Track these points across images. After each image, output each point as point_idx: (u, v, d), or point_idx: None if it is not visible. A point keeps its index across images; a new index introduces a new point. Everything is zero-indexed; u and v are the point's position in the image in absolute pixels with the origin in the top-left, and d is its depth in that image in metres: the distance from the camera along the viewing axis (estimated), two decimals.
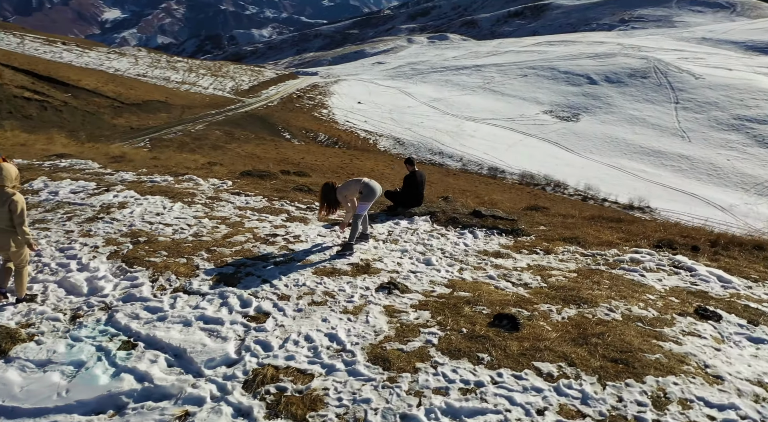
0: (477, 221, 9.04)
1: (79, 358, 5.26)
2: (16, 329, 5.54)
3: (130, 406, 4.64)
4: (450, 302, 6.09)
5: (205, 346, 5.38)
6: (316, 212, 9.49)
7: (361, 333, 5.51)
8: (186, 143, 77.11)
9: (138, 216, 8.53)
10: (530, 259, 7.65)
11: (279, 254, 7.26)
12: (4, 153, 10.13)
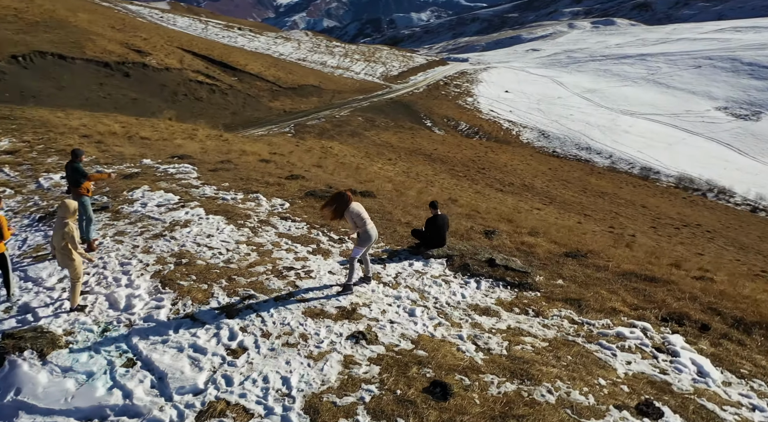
0: (488, 270, 9.36)
1: (91, 369, 6.68)
2: (59, 336, 7.12)
3: (110, 419, 5.93)
4: (404, 360, 6.70)
5: (183, 374, 6.55)
6: (344, 244, 10.37)
7: (311, 380, 6.36)
8: (326, 130, 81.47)
9: (192, 236, 10.02)
10: (514, 320, 7.93)
11: (284, 289, 8.27)
12: (146, 147, 12.30)
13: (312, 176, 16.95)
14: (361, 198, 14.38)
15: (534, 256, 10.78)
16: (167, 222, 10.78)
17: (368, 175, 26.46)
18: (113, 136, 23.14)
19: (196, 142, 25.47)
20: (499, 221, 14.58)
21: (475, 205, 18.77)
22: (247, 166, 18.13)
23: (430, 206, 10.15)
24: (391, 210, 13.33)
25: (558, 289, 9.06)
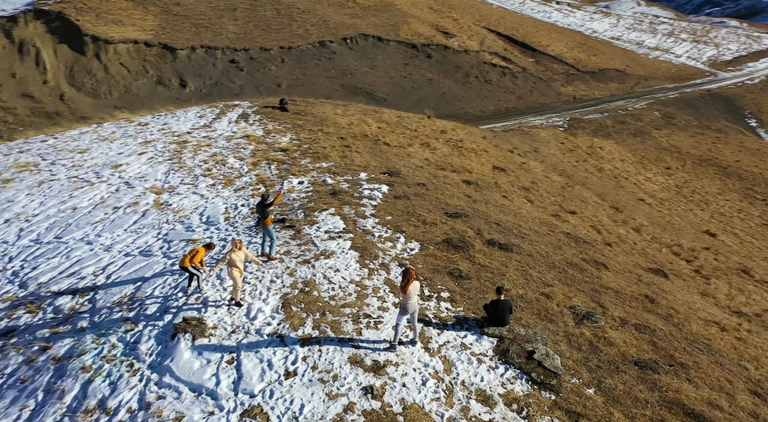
0: (522, 361, 10.59)
1: (210, 359, 10.70)
2: (208, 328, 11.33)
3: (201, 395, 9.79)
4: (384, 420, 9.06)
5: (251, 380, 10.08)
6: (427, 303, 12.56)
7: (315, 412, 9.27)
8: (605, 126, 77.64)
9: (325, 268, 13.48)
10: (501, 416, 9.38)
11: (351, 333, 11.14)
12: (377, 156, 16.53)
13: (491, 212, 18.79)
14: (575, 243, 15.92)
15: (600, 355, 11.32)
16: (319, 250, 14.43)
17: (622, 197, 26.53)
18: (363, 139, 28.11)
19: (428, 150, 28.95)
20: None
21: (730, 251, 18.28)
22: (438, 191, 20.83)
23: (496, 291, 11.56)
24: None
25: (577, 399, 9.87)
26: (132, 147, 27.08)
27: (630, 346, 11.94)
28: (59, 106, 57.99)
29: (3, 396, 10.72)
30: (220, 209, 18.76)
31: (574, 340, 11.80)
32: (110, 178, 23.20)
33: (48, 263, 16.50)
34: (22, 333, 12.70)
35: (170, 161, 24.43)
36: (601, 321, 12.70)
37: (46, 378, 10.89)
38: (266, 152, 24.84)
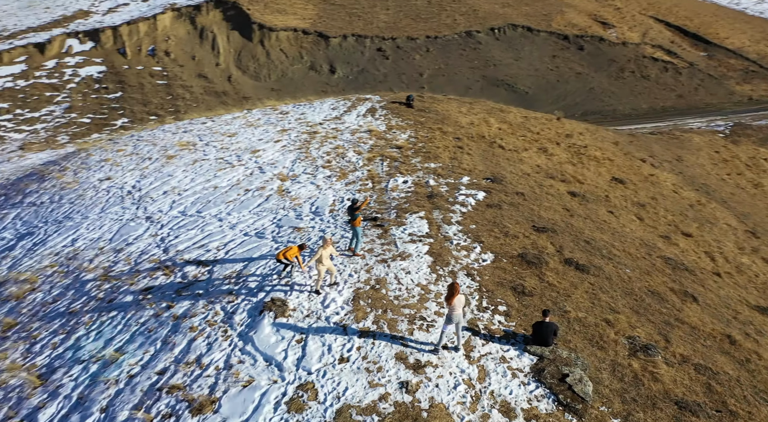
0: (554, 382, 11.29)
1: (284, 336, 12.81)
2: (289, 309, 13.49)
3: (270, 365, 11.93)
4: (409, 413, 10.51)
5: (311, 359, 12.04)
6: (482, 314, 13.55)
7: (355, 396, 10.94)
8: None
9: (398, 269, 15.02)
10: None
11: (404, 333, 12.61)
12: (487, 160, 18.08)
13: (585, 229, 18.95)
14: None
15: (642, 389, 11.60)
16: (398, 251, 15.96)
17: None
18: (478, 141, 28.91)
19: (544, 156, 28.92)
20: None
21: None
22: (536, 202, 21.21)
23: (542, 313, 12.22)
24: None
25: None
26: (271, 134, 30.54)
27: (678, 385, 11.97)
28: (226, 86, 65.27)
29: (134, 340, 13.78)
30: (329, 201, 21.00)
31: (619, 371, 12.11)
32: (248, 161, 26.63)
33: (187, 234, 19.92)
34: (156, 291, 15.89)
35: (299, 150, 27.32)
36: (658, 355, 12.76)
37: (164, 331, 13.77)
38: (383, 148, 26.71)
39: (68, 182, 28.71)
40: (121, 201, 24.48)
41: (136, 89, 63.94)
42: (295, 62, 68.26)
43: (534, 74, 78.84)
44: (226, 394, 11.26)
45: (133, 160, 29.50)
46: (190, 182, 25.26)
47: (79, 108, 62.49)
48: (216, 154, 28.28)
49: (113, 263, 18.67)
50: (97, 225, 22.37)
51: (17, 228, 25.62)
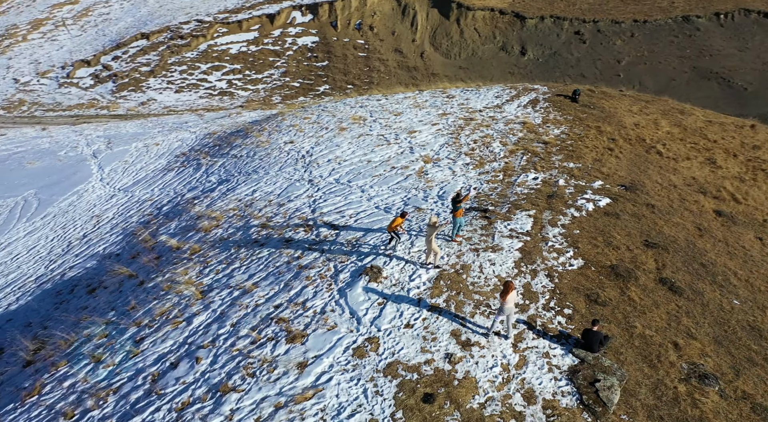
0: (584, 384, 12.40)
1: (368, 298, 15.63)
2: (381, 276, 16.27)
3: (362, 318, 14.92)
4: (445, 379, 12.70)
5: (391, 321, 14.67)
6: (543, 312, 14.79)
7: (407, 355, 13.43)
8: None
9: (484, 260, 16.77)
10: (531, 413, 11.89)
11: (466, 312, 14.58)
12: (636, 167, 19.46)
13: (711, 252, 18.48)
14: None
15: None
16: (492, 244, 17.60)
17: None
18: (635, 144, 28.11)
19: (707, 168, 27.08)
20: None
21: None
22: (665, 217, 20.80)
23: (591, 322, 13.12)
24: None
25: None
26: (432, 117, 33.05)
27: (721, 418, 12.17)
28: (418, 62, 68.99)
29: (267, 279, 17.70)
30: (456, 187, 23.00)
31: (661, 389, 12.66)
32: (403, 141, 29.58)
33: (333, 199, 23.63)
34: (294, 243, 19.74)
35: (450, 135, 29.47)
36: (716, 386, 12.90)
37: (288, 276, 17.46)
38: (529, 142, 27.61)
39: (262, 141, 34.63)
40: (295, 163, 29.24)
41: (340, 59, 70.83)
42: (487, 42, 69.20)
43: (761, 68, 69.64)
44: (314, 333, 14.44)
45: (314, 128, 34.36)
46: (351, 154, 29.05)
47: (292, 73, 71.34)
48: (379, 131, 31.73)
49: (274, 215, 23.13)
50: (273, 181, 27.31)
51: (220, 174, 32.10)
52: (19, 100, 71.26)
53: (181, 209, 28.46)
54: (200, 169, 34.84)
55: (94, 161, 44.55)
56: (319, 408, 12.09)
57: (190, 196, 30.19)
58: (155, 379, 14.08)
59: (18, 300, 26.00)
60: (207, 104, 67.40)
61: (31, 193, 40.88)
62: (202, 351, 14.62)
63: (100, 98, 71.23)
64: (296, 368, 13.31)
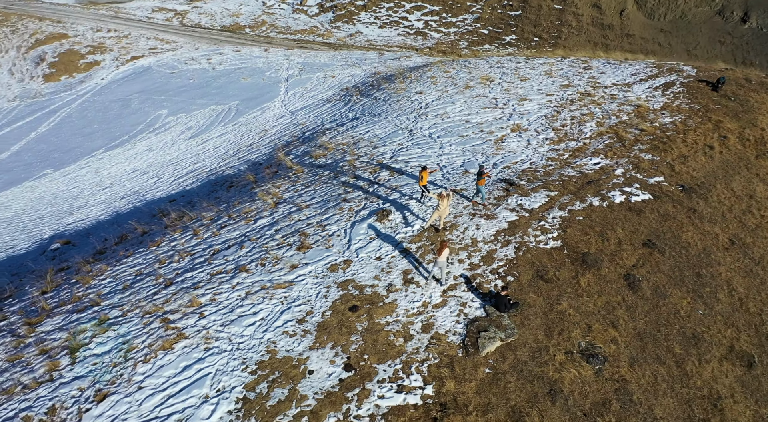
0: (473, 330, 15.68)
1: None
2: (387, 219, 20.60)
3: (343, 241, 19.79)
4: (371, 300, 17.13)
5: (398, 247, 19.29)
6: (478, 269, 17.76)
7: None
8: None
9: (474, 225, 19.87)
10: (418, 338, 15.79)
11: (429, 260, 18.39)
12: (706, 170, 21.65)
13: (721, 266, 19.14)
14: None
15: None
16: (491, 213, 20.45)
17: None
18: (749, 147, 26.47)
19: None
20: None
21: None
22: (701, 220, 20.96)
23: (502, 287, 15.95)
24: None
25: (470, 371, 14.88)
26: (553, 87, 34.09)
27: (575, 386, 14.57)
28: (615, 19, 65.38)
29: (318, 203, 23.07)
30: (514, 160, 25.32)
31: (540, 353, 15.30)
32: (509, 107, 31.74)
33: (413, 150, 27.75)
34: (357, 179, 24.62)
35: (554, 108, 30.78)
36: (596, 366, 15.09)
37: (330, 205, 22.61)
38: (625, 127, 27.86)
39: (400, 88, 39.23)
40: (411, 112, 33.50)
41: (533, 10, 70.21)
42: (702, 3, 62.39)
43: None
44: (316, 248, 19.59)
45: (445, 83, 37.78)
46: (458, 112, 32.25)
47: (484, 20, 73.00)
48: (495, 94, 34.05)
49: (364, 154, 28.14)
50: (384, 126, 32.12)
51: (357, 112, 37.85)
52: (262, 21, 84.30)
53: (313, 137, 35.03)
54: (347, 105, 41.00)
55: (285, 84, 53.71)
56: (284, 295, 17.40)
57: (326, 127, 36.57)
58: (214, 254, 20.70)
59: (192, 183, 35.50)
60: (401, 42, 73.04)
61: (234, 103, 51.66)
62: (248, 243, 20.81)
63: (319, 26, 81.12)
64: (289, 267, 18.69)
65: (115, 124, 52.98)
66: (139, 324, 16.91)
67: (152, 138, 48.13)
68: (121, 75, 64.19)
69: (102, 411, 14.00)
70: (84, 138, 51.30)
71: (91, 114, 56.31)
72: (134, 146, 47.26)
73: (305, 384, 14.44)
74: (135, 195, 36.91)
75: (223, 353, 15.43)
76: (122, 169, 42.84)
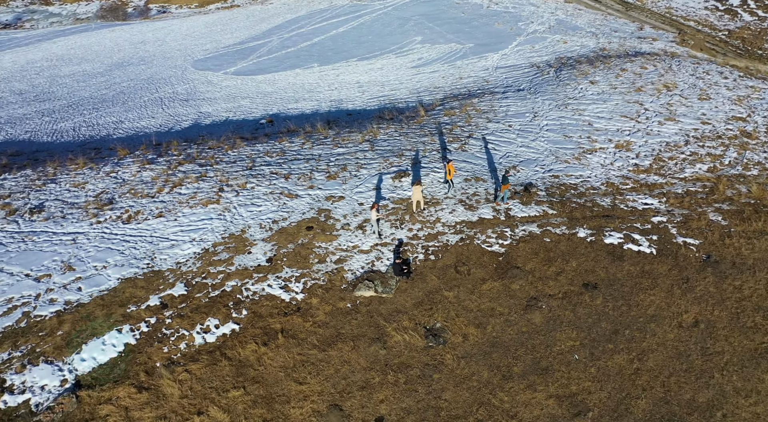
0: (367, 275, 19.98)
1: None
2: (401, 180, 24.90)
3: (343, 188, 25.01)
4: (325, 207, 22.51)
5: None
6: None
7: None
8: None
9: (439, 210, 22.86)
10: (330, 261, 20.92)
11: (376, 217, 22.65)
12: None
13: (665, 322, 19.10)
14: None
15: None
16: (469, 205, 22.90)
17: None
18: None
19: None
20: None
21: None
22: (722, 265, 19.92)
23: (397, 257, 19.46)
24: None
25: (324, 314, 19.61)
26: (720, 115, 30.54)
27: (397, 334, 18.13)
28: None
29: (381, 152, 28.08)
30: (575, 172, 25.78)
31: (395, 313, 18.98)
32: (644, 124, 30.24)
33: (511, 136, 29.81)
34: (438, 142, 28.66)
35: (688, 138, 28.42)
36: (438, 345, 18.24)
37: (388, 155, 27.37)
38: (734, 183, 24.97)
39: (583, 72, 38.84)
40: (560, 99, 34.23)
41: None
42: None
43: None
44: (336, 179, 25.12)
45: (627, 79, 36.28)
46: (594, 113, 32.05)
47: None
48: (651, 105, 32.13)
49: (475, 126, 31.25)
50: (525, 104, 33.98)
51: (528, 85, 39.36)
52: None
53: (471, 96, 38.43)
54: (534, 75, 42.19)
55: (520, 39, 55.47)
56: (285, 202, 23.72)
57: (490, 90, 39.29)
58: (292, 160, 27.87)
59: (372, 106, 42.56)
60: (702, 17, 65.70)
61: (470, 46, 56.00)
62: (312, 162, 27.38)
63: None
64: (307, 187, 24.80)
65: (382, 39, 62.77)
66: (208, 186, 25.46)
67: (392, 59, 56.11)
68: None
69: (155, 223, 23.07)
70: (355, 45, 62.31)
71: (376, 26, 67.13)
72: (375, 62, 56.08)
73: (240, 258, 21.08)
74: (336, 102, 46.00)
75: (222, 221, 22.94)
76: (350, 78, 52.25)
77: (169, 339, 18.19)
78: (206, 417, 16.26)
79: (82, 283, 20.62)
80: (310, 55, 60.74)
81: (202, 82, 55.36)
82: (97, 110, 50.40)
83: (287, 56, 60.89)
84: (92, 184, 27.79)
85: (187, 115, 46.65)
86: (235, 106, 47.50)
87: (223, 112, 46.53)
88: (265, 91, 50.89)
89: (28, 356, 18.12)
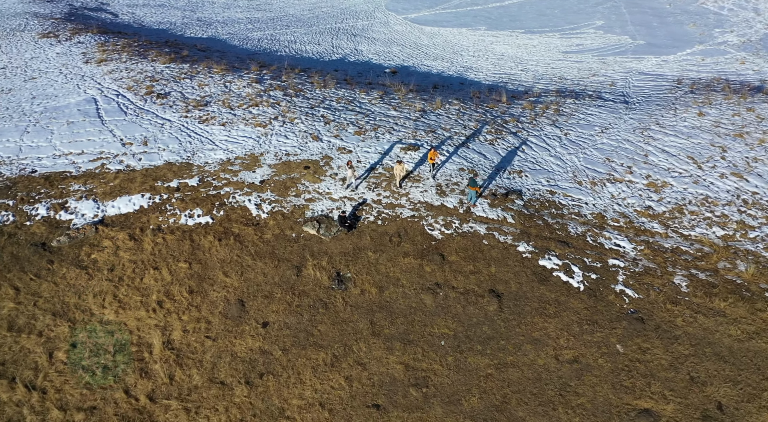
0: (319, 225, 23.82)
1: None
2: (410, 152, 27.65)
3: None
4: (292, 167, 26.49)
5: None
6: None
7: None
8: None
9: (417, 190, 25.16)
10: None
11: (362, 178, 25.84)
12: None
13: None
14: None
15: None
16: (440, 191, 24.88)
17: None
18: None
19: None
20: None
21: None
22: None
23: (349, 216, 22.77)
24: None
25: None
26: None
27: (314, 274, 21.99)
28: None
29: (419, 133, 30.68)
30: (579, 198, 25.88)
31: (323, 254, 22.67)
32: (707, 172, 27.99)
33: (554, 143, 30.16)
34: (475, 124, 30.45)
35: (729, 197, 26.05)
36: (342, 289, 21.79)
37: (418, 125, 29.95)
38: (743, 255, 23.14)
39: (710, 99, 35.64)
40: (592, 136, 32.70)
41: None
42: None
43: None
44: (360, 136, 28.49)
45: (742, 123, 32.78)
46: (664, 146, 30.30)
47: None
48: (717, 142, 29.28)
49: (538, 123, 32.00)
50: (613, 126, 33.25)
51: (635, 106, 37.41)
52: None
53: (569, 94, 37.89)
54: (668, 91, 39.46)
55: (693, 49, 50.46)
56: (307, 142, 28.02)
57: (590, 93, 38.12)
58: (344, 111, 31.83)
59: (485, 80, 43.86)
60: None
61: (641, 43, 52.43)
62: (360, 116, 30.98)
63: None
64: (333, 135, 28.66)
65: (565, 16, 61.70)
66: (272, 112, 30.73)
67: (553, 39, 54.87)
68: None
69: (216, 129, 29.20)
70: (535, 16, 61.97)
71: (571, 1, 65.41)
72: (534, 38, 55.40)
73: (244, 173, 26.05)
74: (465, 69, 47.76)
75: (256, 142, 28.11)
76: (500, 49, 52.90)
77: (166, 213, 24.13)
78: (158, 272, 21.91)
79: (144, 156, 27.45)
80: (488, 17, 61.83)
81: (380, 22, 60.27)
82: (287, 27, 58.24)
83: (468, 14, 62.81)
84: (209, 87, 34.72)
85: (344, 48, 52.24)
86: (385, 50, 51.70)
87: (371, 53, 51.13)
88: (420, 42, 54.07)
89: (87, 192, 25.40)
